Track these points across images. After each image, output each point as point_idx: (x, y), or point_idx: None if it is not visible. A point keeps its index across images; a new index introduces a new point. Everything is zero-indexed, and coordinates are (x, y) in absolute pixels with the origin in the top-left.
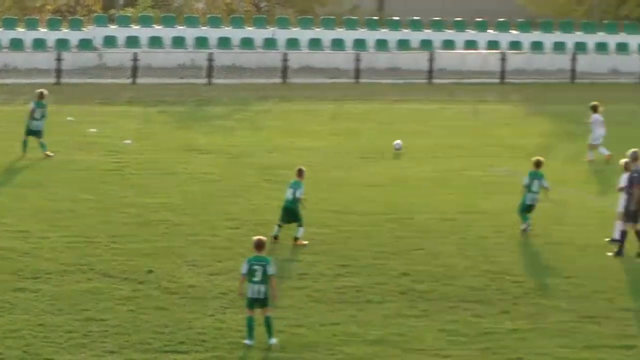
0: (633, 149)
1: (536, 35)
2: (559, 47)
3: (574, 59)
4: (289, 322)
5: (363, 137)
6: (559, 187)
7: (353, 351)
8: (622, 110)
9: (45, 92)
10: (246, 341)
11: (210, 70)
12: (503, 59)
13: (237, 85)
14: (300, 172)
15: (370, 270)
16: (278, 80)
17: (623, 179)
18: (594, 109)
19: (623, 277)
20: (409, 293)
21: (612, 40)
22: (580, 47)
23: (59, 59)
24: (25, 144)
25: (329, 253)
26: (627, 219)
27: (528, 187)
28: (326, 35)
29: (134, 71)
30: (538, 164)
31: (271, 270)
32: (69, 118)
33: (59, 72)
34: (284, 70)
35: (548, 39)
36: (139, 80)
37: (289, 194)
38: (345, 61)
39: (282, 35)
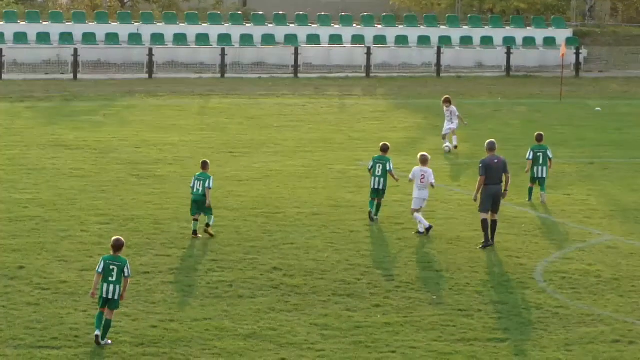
0: (490, 140)
1: (401, 30)
2: (423, 41)
3: (439, 53)
4: (162, 317)
5: (231, 131)
6: None
7: (226, 346)
8: (487, 103)
9: None
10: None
11: (75, 66)
12: (368, 53)
13: (103, 81)
14: (204, 165)
15: (241, 265)
16: (144, 75)
17: (413, 173)
18: (448, 102)
19: (493, 271)
20: (280, 287)
21: (477, 34)
22: (445, 40)
23: None
24: None
25: (200, 248)
26: (483, 209)
27: (372, 171)
28: (191, 30)
29: (0, 67)
30: (384, 149)
31: (127, 272)
32: None
33: None
34: (150, 66)
35: (413, 33)
36: (5, 76)
37: (198, 186)
38: (210, 56)
39: (147, 30)
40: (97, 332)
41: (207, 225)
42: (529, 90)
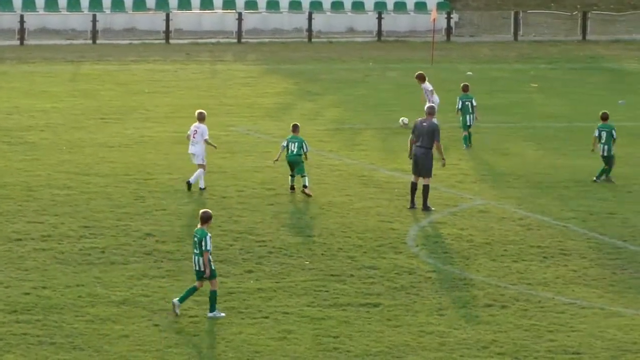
0: (429, 104)
1: None
2: (295, 6)
3: (310, 18)
4: (34, 284)
5: (102, 98)
6: None
7: (99, 312)
8: (358, 68)
9: None
10: (218, 314)
11: None
12: (239, 18)
13: None
14: (295, 127)
15: (113, 231)
16: (15, 42)
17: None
18: (421, 79)
19: (366, 235)
20: (153, 254)
21: None
22: (316, 6)
23: None
24: None
25: (72, 214)
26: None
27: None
28: None
29: None
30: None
31: (205, 245)
32: None
33: None
34: (21, 32)
35: None
36: None
37: (292, 148)
38: (82, 22)
39: None
40: (175, 300)
41: (304, 186)
42: (400, 55)
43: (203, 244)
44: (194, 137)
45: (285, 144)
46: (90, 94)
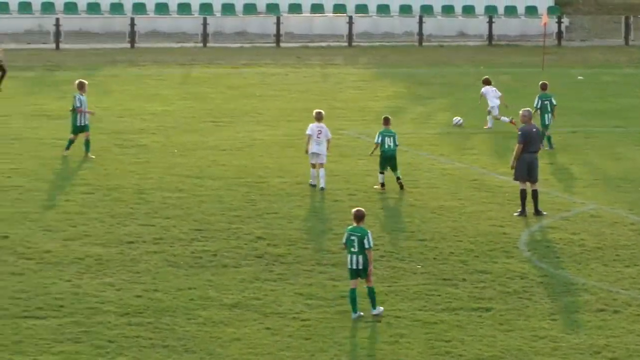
0: (526, 109)
1: None
2: (405, 9)
3: (420, 22)
4: (146, 286)
5: (213, 101)
6: (410, 150)
7: (211, 315)
8: (469, 72)
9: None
10: (353, 315)
11: (57, 36)
12: (350, 22)
13: (85, 50)
14: (387, 120)
15: (225, 234)
16: (126, 45)
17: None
18: (486, 82)
19: (477, 240)
20: (265, 257)
21: (459, 2)
22: (427, 9)
23: None
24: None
25: (183, 217)
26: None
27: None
28: (172, 0)
29: None
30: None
31: (368, 242)
32: None
33: None
34: (132, 35)
35: (395, 1)
36: None
37: (388, 142)
38: (192, 25)
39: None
40: (355, 315)
41: (398, 178)
42: (511, 59)
43: (365, 241)
44: (318, 137)
45: (380, 139)
46: (202, 97)
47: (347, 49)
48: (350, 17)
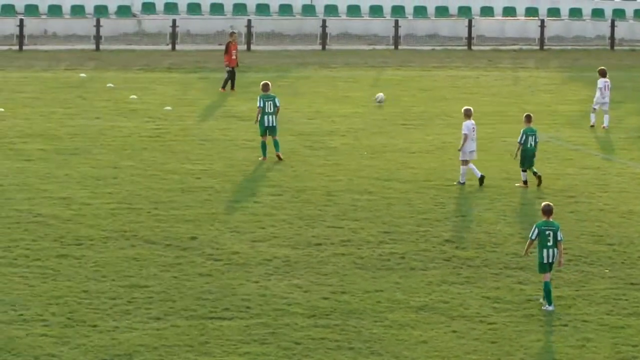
0: None
1: (575, 2)
2: (597, 13)
3: (612, 26)
4: (333, 288)
5: (404, 103)
6: (600, 154)
7: (398, 318)
8: None
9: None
10: (548, 307)
11: (249, 37)
12: (542, 25)
13: (276, 52)
14: (529, 118)
15: (413, 237)
16: (317, 47)
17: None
18: (602, 74)
19: None
20: (452, 260)
21: None
22: (619, 13)
23: (97, 25)
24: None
25: (372, 220)
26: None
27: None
28: (364, 2)
29: (173, 37)
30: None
31: (560, 235)
32: (108, 85)
33: (98, 38)
34: (323, 37)
35: (587, 5)
36: (178, 47)
37: (531, 142)
38: (384, 27)
39: (320, 1)
40: (549, 308)
41: (535, 172)
42: None
43: (559, 234)
44: (473, 134)
45: (523, 138)
46: (392, 100)
47: (539, 52)
48: (542, 21)
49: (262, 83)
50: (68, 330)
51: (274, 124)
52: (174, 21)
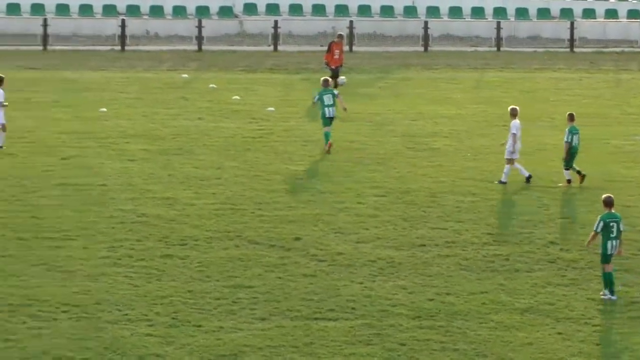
0: None
1: None
2: None
3: None
4: (438, 290)
5: (506, 105)
6: None
7: (502, 319)
8: None
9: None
10: (612, 297)
11: (351, 38)
12: None
13: (378, 53)
14: (572, 117)
15: (517, 238)
16: (419, 48)
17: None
18: None
19: None
20: (557, 262)
21: None
22: None
23: (199, 26)
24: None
25: (476, 221)
26: None
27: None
28: (466, 3)
29: (275, 38)
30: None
31: (622, 226)
32: (211, 85)
33: (199, 39)
34: (425, 38)
35: None
36: (280, 48)
37: (575, 140)
38: (486, 29)
39: (422, 3)
40: (612, 297)
41: (579, 171)
42: None
43: (621, 225)
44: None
45: (570, 137)
46: (494, 101)
47: None
48: None
49: (322, 79)
50: (173, 330)
51: (334, 115)
52: (276, 22)
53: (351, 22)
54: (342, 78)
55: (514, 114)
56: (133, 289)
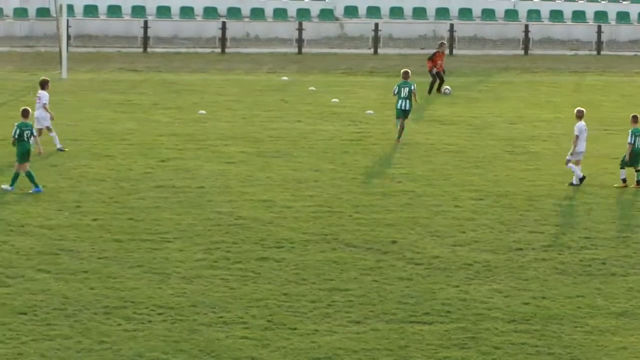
0: None
1: None
2: None
3: None
4: (534, 294)
5: (605, 109)
6: None
7: (598, 324)
8: None
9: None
10: None
11: (451, 41)
12: None
13: (478, 57)
14: (635, 119)
15: (614, 242)
16: (519, 51)
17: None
18: None
19: None
20: None
21: None
22: None
23: (300, 29)
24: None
25: (573, 225)
26: None
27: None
28: (567, 7)
29: (375, 41)
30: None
31: None
32: (311, 88)
33: (300, 41)
34: (526, 42)
35: None
36: (380, 51)
37: (638, 143)
38: (586, 33)
39: (523, 6)
40: None
41: (638, 182)
42: None
43: None
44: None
45: (632, 139)
46: (594, 105)
47: None
48: None
49: (402, 70)
50: (268, 333)
51: (408, 108)
52: (376, 25)
53: (452, 25)
54: (447, 88)
55: (579, 115)
56: (229, 291)
